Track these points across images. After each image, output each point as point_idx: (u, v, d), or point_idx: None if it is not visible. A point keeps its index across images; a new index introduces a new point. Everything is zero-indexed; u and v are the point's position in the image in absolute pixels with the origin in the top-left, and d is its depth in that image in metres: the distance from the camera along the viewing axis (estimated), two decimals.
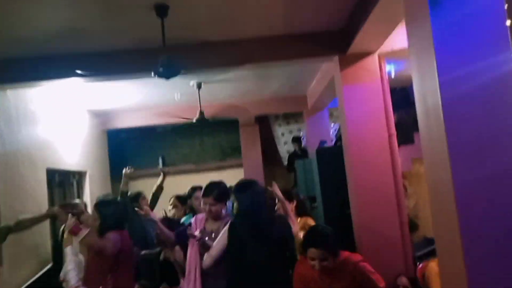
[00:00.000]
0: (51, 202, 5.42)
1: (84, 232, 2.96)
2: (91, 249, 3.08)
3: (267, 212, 3.02)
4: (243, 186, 2.97)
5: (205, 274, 3.03)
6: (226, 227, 2.93)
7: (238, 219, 2.92)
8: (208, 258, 2.95)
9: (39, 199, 4.90)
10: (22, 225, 3.63)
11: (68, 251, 3.17)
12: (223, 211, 3.23)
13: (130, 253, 3.28)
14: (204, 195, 3.17)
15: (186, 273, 3.11)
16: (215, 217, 3.18)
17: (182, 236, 3.26)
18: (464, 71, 2.28)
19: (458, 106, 2.27)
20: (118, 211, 3.27)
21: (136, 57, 4.26)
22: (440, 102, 2.27)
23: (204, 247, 2.99)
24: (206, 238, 3.08)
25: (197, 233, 3.01)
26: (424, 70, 2.48)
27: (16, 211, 4.34)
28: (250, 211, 2.85)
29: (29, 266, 4.52)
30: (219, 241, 2.93)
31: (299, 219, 3.85)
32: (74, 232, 2.98)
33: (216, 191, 3.15)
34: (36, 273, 4.51)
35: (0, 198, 4.16)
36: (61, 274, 3.40)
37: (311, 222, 3.78)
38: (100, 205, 3.29)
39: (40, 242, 4.83)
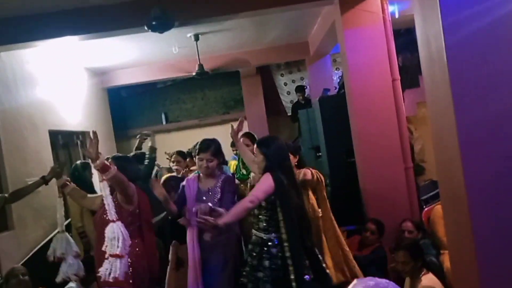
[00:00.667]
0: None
1: (114, 169, 2.82)
2: (119, 187, 2.92)
3: (291, 164, 3.05)
4: (268, 140, 2.98)
5: (201, 231, 3.04)
6: (267, 175, 2.81)
7: (276, 171, 2.85)
8: (254, 199, 2.74)
9: (44, 161, 4.92)
10: (18, 195, 3.62)
11: (103, 186, 3.08)
12: (217, 171, 3.20)
13: (148, 209, 3.15)
14: (201, 151, 3.10)
15: (187, 230, 3.11)
16: (211, 173, 3.13)
17: (180, 204, 3.20)
18: (468, 12, 2.16)
19: (462, 49, 2.17)
20: (133, 169, 3.16)
21: (128, 11, 4.11)
22: (443, 45, 2.17)
23: (217, 214, 2.88)
24: (204, 198, 3.05)
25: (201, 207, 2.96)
26: (427, 12, 2.35)
27: (21, 174, 4.38)
28: (281, 164, 2.86)
29: (40, 228, 4.61)
30: (264, 185, 2.78)
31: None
32: (105, 168, 2.78)
33: (213, 146, 3.11)
34: (47, 236, 4.60)
35: (5, 162, 4.19)
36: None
37: None
38: (117, 158, 3.19)
39: (48, 204, 4.89)
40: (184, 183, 3.26)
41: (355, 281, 1.13)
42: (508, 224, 2.15)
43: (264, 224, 2.86)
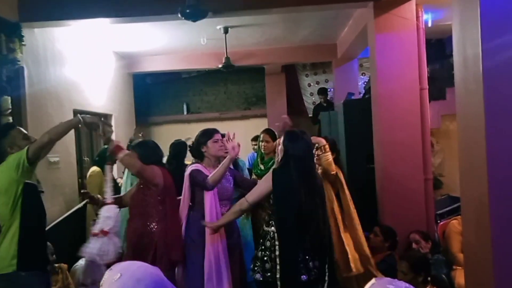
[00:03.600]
0: (78, 143, 5.54)
1: (122, 153, 2.91)
2: (136, 172, 3.05)
3: (314, 162, 2.98)
4: (295, 135, 2.86)
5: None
6: (268, 175, 2.81)
7: (286, 167, 2.79)
8: (244, 202, 2.84)
9: (66, 140, 4.97)
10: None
11: (107, 169, 3.22)
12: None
13: (173, 191, 3.17)
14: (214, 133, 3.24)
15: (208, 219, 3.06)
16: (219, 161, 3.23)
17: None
18: (509, 21, 2.12)
19: (499, 57, 2.13)
20: (146, 154, 3.16)
21: None
22: (480, 52, 2.14)
23: None
24: (223, 184, 3.15)
25: None
26: (466, 16, 2.31)
27: None
28: (302, 160, 2.77)
29: (56, 205, 4.67)
30: (260, 188, 2.82)
31: None
32: (115, 152, 2.88)
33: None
34: (62, 214, 4.65)
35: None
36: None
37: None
38: (134, 145, 3.31)
39: (66, 180, 4.97)
40: (201, 169, 3.17)
41: (373, 280, 1.11)
42: None
43: (267, 218, 2.90)
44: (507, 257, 2.13)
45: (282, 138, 2.91)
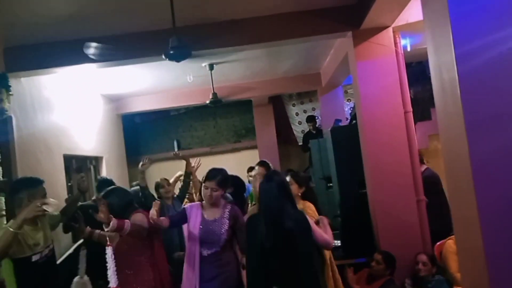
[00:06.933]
0: (69, 187, 5.51)
1: (127, 224, 2.92)
2: (138, 234, 3.05)
3: (289, 204, 2.81)
4: (267, 178, 2.85)
5: (203, 260, 3.02)
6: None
7: (259, 211, 2.82)
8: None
9: (57, 185, 4.97)
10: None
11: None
12: (222, 200, 3.18)
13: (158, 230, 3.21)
14: (207, 180, 3.06)
15: (186, 257, 3.09)
16: (215, 203, 3.10)
17: (176, 222, 3.24)
18: (480, 43, 2.20)
19: (475, 79, 2.20)
20: (123, 198, 3.23)
21: (147, 40, 4.24)
22: (456, 75, 2.21)
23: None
24: (210, 227, 3.04)
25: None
26: (439, 42, 2.40)
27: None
28: (268, 203, 2.74)
29: None
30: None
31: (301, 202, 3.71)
32: (120, 228, 2.87)
33: (220, 176, 3.07)
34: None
35: None
36: None
37: (310, 205, 3.68)
38: (104, 196, 3.15)
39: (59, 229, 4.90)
40: (186, 206, 3.25)
41: None
42: None
43: None
44: (503, 276, 2.14)
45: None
